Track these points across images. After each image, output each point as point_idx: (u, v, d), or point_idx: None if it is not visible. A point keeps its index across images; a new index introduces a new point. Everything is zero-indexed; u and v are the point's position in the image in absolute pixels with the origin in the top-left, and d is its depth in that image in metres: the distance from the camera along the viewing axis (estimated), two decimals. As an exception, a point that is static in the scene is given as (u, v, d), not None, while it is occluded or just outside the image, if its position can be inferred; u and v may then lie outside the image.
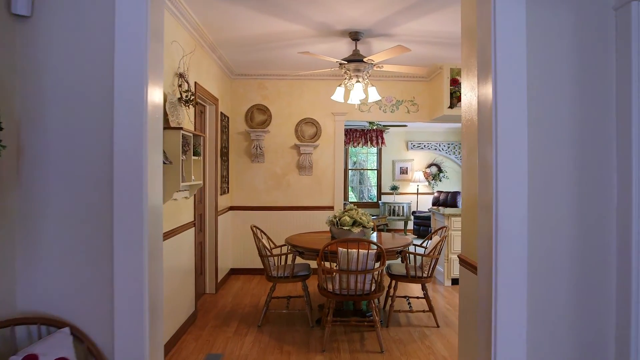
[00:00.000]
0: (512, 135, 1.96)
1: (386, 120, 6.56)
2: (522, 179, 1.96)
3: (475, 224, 2.63)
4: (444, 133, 11.42)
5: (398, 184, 11.29)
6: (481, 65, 2.23)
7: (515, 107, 1.96)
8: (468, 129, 2.70)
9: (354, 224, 4.46)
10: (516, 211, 1.96)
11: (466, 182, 2.79)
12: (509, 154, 1.96)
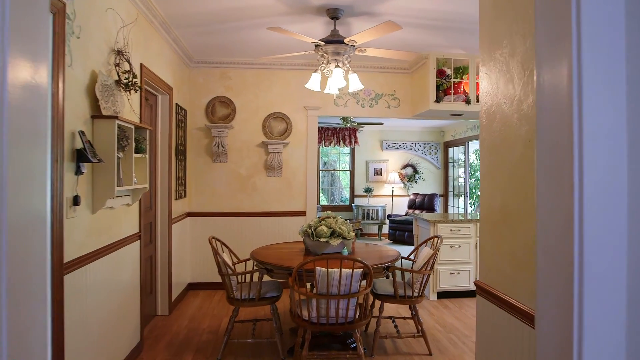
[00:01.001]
0: (606, 135, 1.29)
1: (364, 117, 5.93)
2: (621, 198, 1.31)
3: (502, 243, 1.99)
4: (420, 132, 10.93)
5: (372, 185, 10.71)
6: (546, 34, 1.58)
7: (609, 92, 1.29)
8: (491, 123, 2.06)
9: (332, 235, 3.78)
10: (613, 243, 1.31)
11: (487, 189, 2.15)
12: (603, 163, 1.30)
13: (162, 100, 4.67)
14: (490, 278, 2.11)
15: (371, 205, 10.34)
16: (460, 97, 5.26)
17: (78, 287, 2.58)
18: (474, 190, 10.64)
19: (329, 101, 5.80)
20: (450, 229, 5.33)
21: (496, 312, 2.01)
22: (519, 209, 1.83)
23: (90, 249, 2.76)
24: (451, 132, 10.49)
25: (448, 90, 5.28)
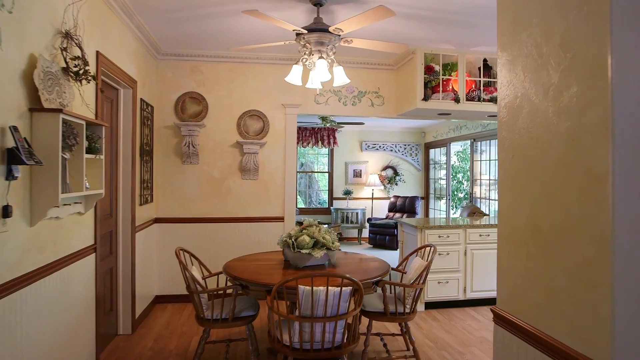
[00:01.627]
0: None
1: (346, 115, 5.57)
2: None
3: (531, 266, 1.65)
4: (400, 133, 10.65)
5: (351, 188, 10.37)
6: None
7: None
8: (514, 119, 1.71)
9: (315, 246, 3.40)
10: None
11: (510, 200, 1.80)
12: None
13: (124, 94, 4.18)
14: (514, 307, 1.76)
15: (350, 208, 10.00)
16: (449, 95, 4.95)
17: (9, 318, 2.11)
18: (455, 193, 10.43)
19: (309, 98, 5.41)
20: (438, 235, 5.01)
21: (523, 349, 1.66)
22: (557, 226, 1.48)
23: (29, 268, 2.29)
24: (432, 133, 10.25)
25: (436, 87, 4.97)
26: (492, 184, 7.91)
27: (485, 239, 5.13)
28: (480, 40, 4.66)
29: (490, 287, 5.16)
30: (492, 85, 5.16)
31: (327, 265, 3.52)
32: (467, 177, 10.57)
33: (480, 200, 8.28)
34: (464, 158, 10.60)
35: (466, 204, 7.49)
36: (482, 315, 4.85)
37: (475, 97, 5.03)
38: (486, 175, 8.13)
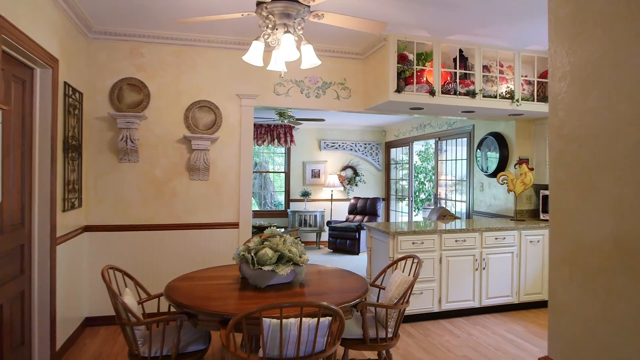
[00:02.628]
0: None
1: (309, 108, 5.00)
2: None
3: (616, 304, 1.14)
4: (360, 132, 10.22)
5: (309, 189, 9.81)
6: None
7: None
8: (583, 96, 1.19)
9: (279, 261, 2.80)
10: None
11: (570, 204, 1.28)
12: None
13: (42, 75, 3.39)
14: None
15: (309, 210, 9.44)
16: (424, 88, 4.50)
17: None
18: (417, 194, 10.13)
19: (268, 89, 4.80)
20: (412, 242, 4.55)
21: None
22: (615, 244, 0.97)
23: None
24: (394, 131, 9.88)
25: (410, 79, 4.50)
26: (454, 184, 7.61)
27: (461, 245, 4.72)
28: (457, 27, 4.23)
29: (465, 297, 4.76)
30: (469, 78, 4.76)
31: (293, 283, 2.93)
32: (429, 177, 10.29)
33: (446, 201, 7.96)
34: (426, 158, 10.32)
35: (436, 206, 7.13)
36: (459, 329, 4.43)
37: (451, 90, 4.61)
38: (449, 175, 7.82)
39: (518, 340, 4.14)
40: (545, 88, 5.06)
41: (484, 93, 4.71)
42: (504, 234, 4.89)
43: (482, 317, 4.80)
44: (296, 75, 4.85)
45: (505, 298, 4.93)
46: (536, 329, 4.44)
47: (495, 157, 6.01)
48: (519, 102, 4.83)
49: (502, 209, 5.98)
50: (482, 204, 6.44)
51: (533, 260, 5.04)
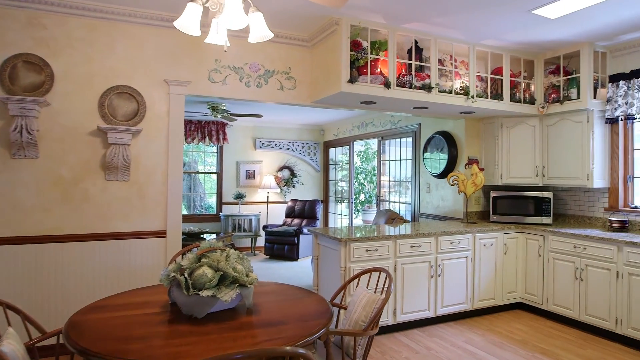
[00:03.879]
0: None
1: (249, 100, 4.39)
2: None
3: None
4: (298, 130, 9.73)
5: (244, 191, 9.13)
6: None
7: None
8: None
9: (221, 282, 2.21)
10: None
11: None
12: None
13: None
14: None
15: (243, 214, 8.76)
16: (378, 79, 4.09)
17: None
18: (357, 196, 9.81)
19: (202, 75, 4.14)
20: (366, 249, 4.11)
21: None
22: None
23: None
24: (333, 130, 9.49)
25: (363, 68, 4.07)
26: (397, 185, 7.35)
27: (416, 251, 4.37)
28: (414, 13, 3.86)
29: (421, 307, 4.41)
30: (424, 71, 4.43)
31: (239, 309, 2.34)
32: (368, 178, 10.03)
33: (389, 203, 7.67)
34: (367, 158, 10.05)
35: (383, 209, 6.79)
36: (417, 342, 4.06)
37: (406, 83, 4.24)
38: (392, 176, 7.54)
39: (479, 352, 3.84)
40: (498, 85, 4.87)
41: (439, 88, 4.40)
42: (459, 238, 4.61)
43: (437, 327, 4.47)
44: (234, 61, 4.24)
45: (460, 305, 4.65)
46: (494, 337, 4.18)
47: (444, 157, 5.77)
48: (474, 99, 4.58)
49: (450, 211, 5.76)
50: (429, 206, 6.19)
51: (487, 264, 4.81)
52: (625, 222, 4.51)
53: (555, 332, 4.35)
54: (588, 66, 4.58)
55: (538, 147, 5.15)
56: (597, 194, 4.96)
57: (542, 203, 5.03)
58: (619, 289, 4.03)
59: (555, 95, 4.91)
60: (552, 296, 4.64)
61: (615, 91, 4.60)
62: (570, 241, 4.46)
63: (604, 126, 4.76)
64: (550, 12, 3.74)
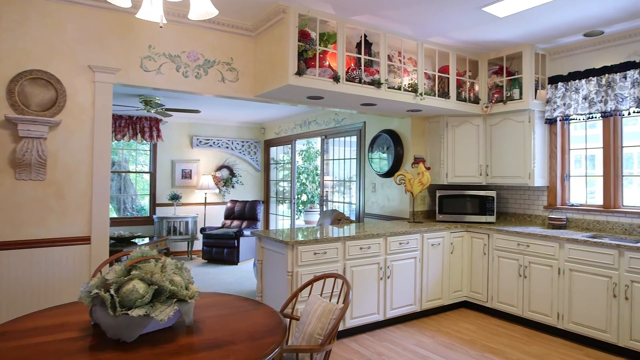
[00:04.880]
0: None
1: (187, 91, 4.00)
2: None
3: None
4: (238, 128, 9.33)
5: (180, 191, 8.60)
6: None
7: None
8: None
9: (156, 298, 1.89)
10: None
11: None
12: None
13: None
14: None
15: (179, 216, 8.23)
16: (327, 72, 3.88)
17: None
18: (299, 196, 9.60)
19: (133, 62, 3.71)
20: (314, 252, 3.88)
21: None
22: None
23: None
24: (274, 129, 9.20)
25: (311, 61, 3.84)
26: (341, 185, 7.22)
27: (366, 252, 4.21)
28: (364, 4, 3.69)
29: (370, 311, 4.26)
30: (374, 66, 4.28)
31: (177, 328, 2.02)
32: (311, 178, 9.84)
33: (333, 203, 7.52)
34: (309, 157, 9.85)
35: (328, 209, 6.60)
36: (367, 348, 3.89)
37: (355, 78, 4.07)
38: (336, 175, 7.40)
39: (431, 355, 3.74)
40: (444, 84, 4.84)
41: (388, 84, 4.28)
42: (408, 238, 4.52)
43: (387, 330, 4.35)
44: (171, 49, 3.85)
45: (409, 307, 4.56)
46: (443, 338, 4.12)
47: (390, 156, 5.69)
48: (423, 97, 4.50)
49: (396, 210, 5.68)
50: (374, 206, 6.09)
51: (435, 264, 4.76)
52: (563, 219, 4.64)
53: (501, 329, 4.37)
54: (530, 67, 4.66)
55: (482, 147, 5.20)
56: (537, 193, 5.08)
57: (486, 202, 5.07)
58: (561, 284, 4.11)
59: (499, 95, 4.97)
60: (497, 294, 4.68)
61: (554, 92, 4.72)
62: (514, 239, 4.51)
63: (543, 126, 4.88)
64: (500, 10, 3.72)
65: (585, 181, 4.79)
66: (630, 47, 4.23)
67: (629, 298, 3.65)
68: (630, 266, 3.64)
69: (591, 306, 3.89)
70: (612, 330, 3.75)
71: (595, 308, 3.86)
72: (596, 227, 4.52)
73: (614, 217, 4.40)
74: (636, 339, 3.61)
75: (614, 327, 3.74)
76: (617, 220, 4.37)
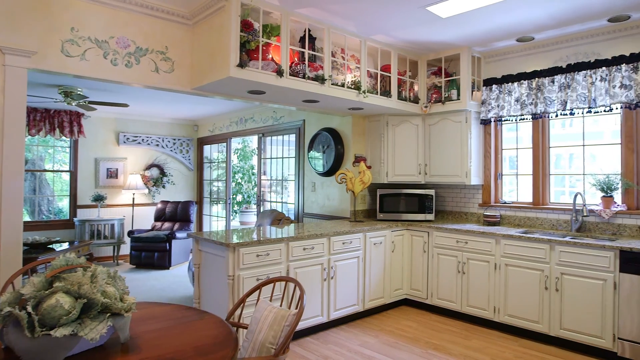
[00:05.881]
0: None
1: (115, 81, 3.64)
2: None
3: None
4: (169, 125, 8.84)
5: (104, 192, 7.97)
6: None
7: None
8: None
9: (85, 313, 1.63)
10: None
11: None
12: None
13: None
14: None
15: (103, 219, 7.62)
16: (271, 66, 3.71)
17: None
18: (234, 196, 9.29)
19: (53, 45, 3.30)
20: (256, 254, 3.70)
21: None
22: None
23: None
24: (208, 126, 8.82)
25: (254, 53, 3.65)
26: (280, 184, 7.07)
27: (309, 253, 4.09)
28: (313, -2, 3.58)
29: (314, 313, 4.14)
30: (318, 61, 4.17)
31: (111, 347, 1.76)
32: (246, 178, 9.57)
33: (271, 203, 7.33)
34: (244, 156, 9.57)
35: (267, 209, 6.39)
36: (312, 352, 3.77)
37: (299, 73, 3.93)
38: (274, 175, 7.23)
39: (377, 355, 3.70)
40: (386, 82, 4.84)
41: (331, 81, 4.19)
42: (351, 238, 4.46)
43: (331, 332, 4.25)
44: (97, 33, 3.48)
45: (353, 307, 4.50)
46: (388, 337, 4.10)
47: (330, 155, 5.62)
48: (366, 94, 4.47)
49: (336, 210, 5.63)
50: (314, 205, 6.00)
51: (377, 263, 4.75)
52: (497, 216, 4.82)
53: (441, 325, 4.45)
54: (467, 69, 4.79)
55: (421, 146, 5.28)
56: (473, 191, 5.25)
57: (425, 200, 5.15)
58: (497, 279, 4.25)
59: (437, 96, 5.06)
60: (437, 290, 4.76)
61: (489, 94, 4.89)
62: (453, 236, 4.61)
63: (479, 127, 5.04)
64: (443, 10, 3.76)
65: (517, 180, 5.02)
66: (557, 53, 4.48)
67: (559, 290, 3.84)
68: (561, 259, 3.83)
69: (525, 299, 4.06)
70: (544, 320, 3.93)
71: (528, 300, 4.03)
72: (527, 223, 4.74)
73: (543, 214, 4.64)
74: (566, 328, 3.81)
75: (545, 317, 3.93)
76: (546, 216, 4.61)
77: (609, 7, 3.69)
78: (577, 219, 4.31)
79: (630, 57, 3.96)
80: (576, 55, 4.35)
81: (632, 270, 3.48)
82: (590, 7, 3.71)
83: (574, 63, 4.31)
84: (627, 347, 3.50)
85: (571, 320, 3.77)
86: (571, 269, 3.78)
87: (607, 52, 4.15)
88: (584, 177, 4.48)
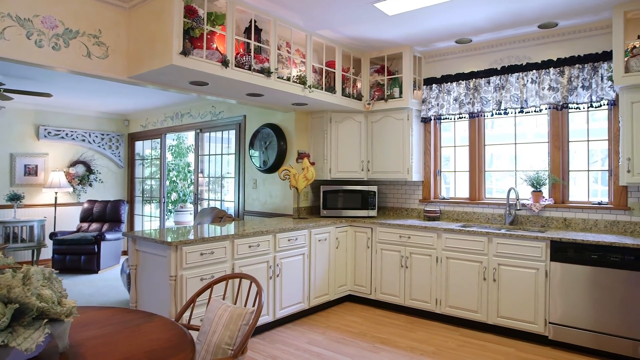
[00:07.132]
0: None
1: (40, 65, 3.29)
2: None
3: None
4: (97, 119, 8.25)
5: (22, 191, 7.27)
6: None
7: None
8: None
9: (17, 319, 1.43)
10: None
11: None
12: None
13: None
14: None
15: (20, 220, 6.95)
16: (215, 55, 3.55)
17: None
18: (169, 195, 8.89)
19: (-36, 22, 2.92)
20: (200, 253, 3.52)
21: None
22: None
23: None
24: (140, 121, 8.35)
25: (198, 41, 3.47)
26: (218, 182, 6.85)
27: (255, 251, 3.97)
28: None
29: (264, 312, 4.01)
30: (264, 54, 4.06)
31: (46, 356, 1.56)
32: (181, 175, 9.19)
33: (209, 202, 7.07)
34: (180, 153, 9.18)
35: (210, 207, 6.13)
36: (259, 353, 3.66)
37: (245, 64, 3.80)
38: (212, 172, 6.99)
39: (325, 352, 3.66)
40: (331, 78, 4.83)
41: (277, 74, 4.10)
42: (296, 234, 4.40)
43: (277, 331, 4.16)
44: (20, 10, 3.13)
45: (298, 305, 4.44)
46: (334, 334, 4.08)
47: (272, 151, 5.51)
48: (311, 89, 4.42)
49: (279, 207, 5.53)
50: (255, 203, 5.86)
51: (321, 260, 4.72)
52: (437, 211, 4.98)
53: (386, 319, 4.51)
54: (409, 68, 4.90)
55: (364, 143, 5.33)
56: (413, 187, 5.38)
57: (368, 196, 5.20)
58: (439, 272, 4.38)
59: (380, 93, 5.13)
60: (380, 285, 4.82)
61: (429, 93, 5.04)
62: (396, 232, 4.69)
63: (420, 124, 5.18)
64: (389, 7, 3.80)
65: (454, 176, 5.22)
66: (493, 55, 4.71)
67: (497, 280, 4.03)
68: (498, 251, 4.03)
69: (465, 290, 4.22)
70: (483, 310, 4.11)
71: (468, 291, 4.20)
72: (464, 217, 4.94)
73: (479, 208, 4.86)
74: (502, 316, 4.00)
75: (484, 307, 4.11)
76: (482, 210, 4.83)
77: (540, 14, 3.93)
78: (510, 213, 4.56)
79: (557, 62, 4.25)
80: (509, 58, 4.60)
81: (561, 259, 3.73)
82: (523, 13, 3.93)
83: (507, 65, 4.55)
84: (556, 330, 3.74)
85: (507, 308, 3.98)
86: (507, 259, 3.98)
87: (537, 56, 4.43)
88: (515, 174, 4.75)
